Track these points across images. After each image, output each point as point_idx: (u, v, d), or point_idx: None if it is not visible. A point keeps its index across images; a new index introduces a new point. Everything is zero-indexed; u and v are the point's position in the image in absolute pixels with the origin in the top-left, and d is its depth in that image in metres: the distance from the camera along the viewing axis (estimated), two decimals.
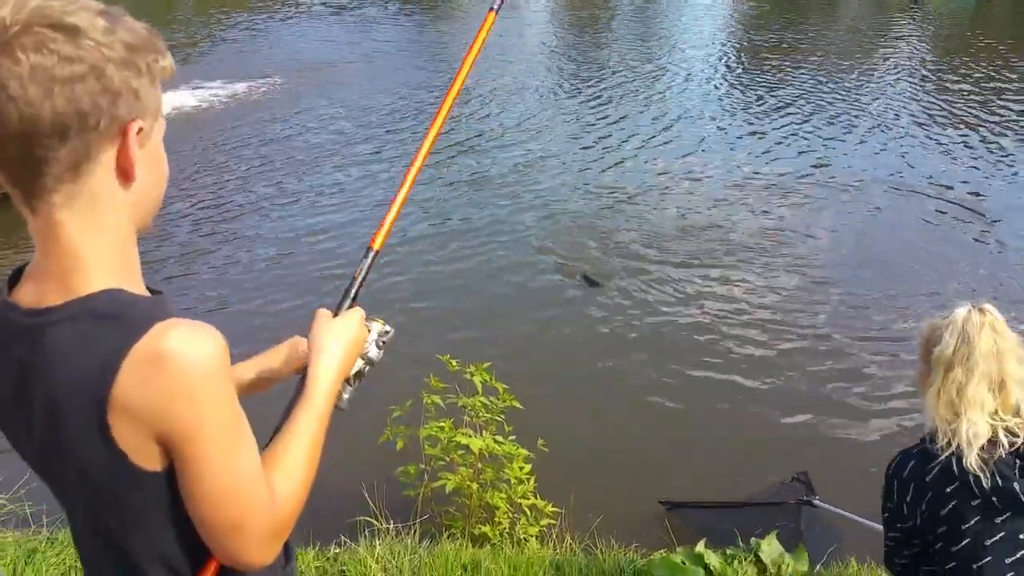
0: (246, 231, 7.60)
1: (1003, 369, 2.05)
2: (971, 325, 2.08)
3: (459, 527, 3.66)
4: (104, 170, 1.01)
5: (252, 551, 1.09)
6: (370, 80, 12.71)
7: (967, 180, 8.55)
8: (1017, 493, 1.97)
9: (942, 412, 2.08)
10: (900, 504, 2.15)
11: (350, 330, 1.35)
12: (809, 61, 13.64)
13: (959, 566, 2.06)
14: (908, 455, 2.17)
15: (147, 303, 1.06)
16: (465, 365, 3.65)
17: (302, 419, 1.21)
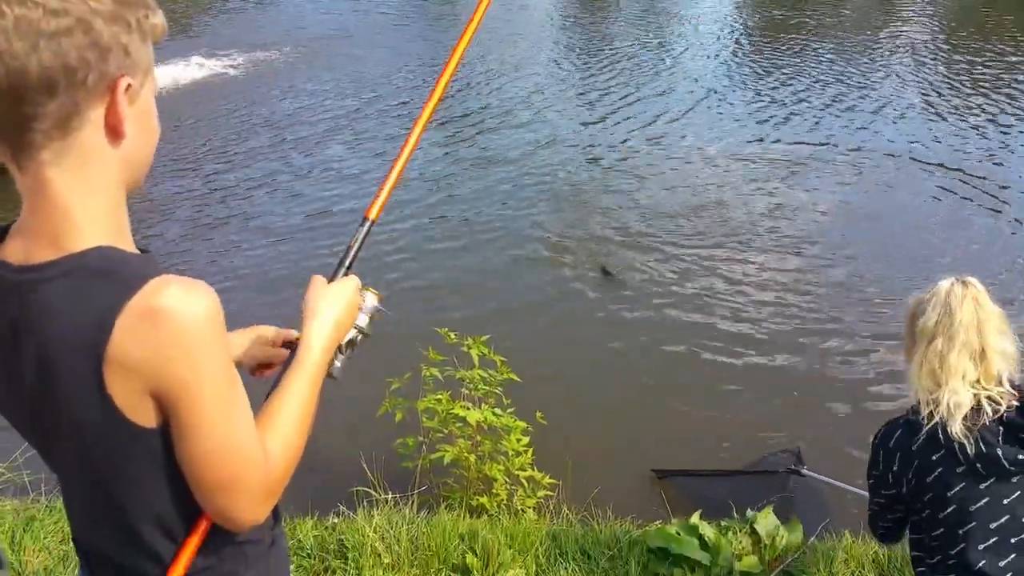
0: (249, 205, 7.62)
1: (984, 339, 2.10)
2: (953, 297, 2.13)
3: (457, 499, 3.69)
4: (93, 127, 1.01)
5: (244, 509, 1.10)
6: (376, 52, 12.66)
7: (978, 158, 8.50)
8: (1000, 458, 2.03)
9: (924, 382, 2.14)
10: (885, 473, 2.21)
11: (344, 296, 1.35)
12: (819, 37, 13.53)
13: (946, 532, 2.11)
14: (895, 425, 2.22)
15: (140, 260, 1.06)
16: (463, 338, 3.66)
17: (295, 380, 1.22)
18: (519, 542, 3.26)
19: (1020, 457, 2.03)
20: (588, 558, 3.21)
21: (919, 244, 6.80)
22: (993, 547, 2.06)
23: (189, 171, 8.21)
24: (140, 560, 1.15)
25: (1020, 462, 2.04)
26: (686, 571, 3.10)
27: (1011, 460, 2.03)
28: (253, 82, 11.24)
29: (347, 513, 3.41)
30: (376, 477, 3.66)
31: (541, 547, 3.24)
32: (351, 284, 1.39)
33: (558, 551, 3.23)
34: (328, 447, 3.97)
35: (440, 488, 3.78)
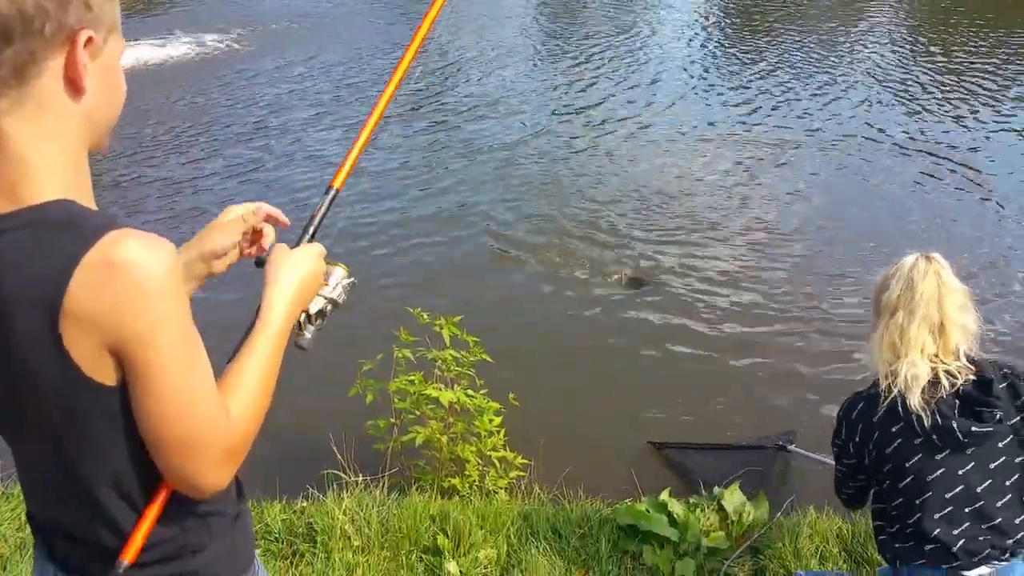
0: (223, 193, 7.45)
1: (944, 313, 2.15)
2: (916, 272, 2.19)
3: (428, 480, 3.70)
4: (51, 78, 1.00)
5: (205, 471, 1.08)
6: (341, 35, 12.52)
7: (955, 143, 8.56)
8: (955, 430, 2.09)
9: (884, 354, 2.20)
10: (847, 443, 2.29)
11: (307, 261, 1.34)
12: (795, 25, 13.58)
13: (904, 502, 2.19)
14: (858, 398, 2.29)
15: (100, 215, 1.05)
16: (435, 318, 3.65)
17: (256, 343, 1.21)
18: (490, 522, 3.29)
19: (974, 429, 2.09)
20: (559, 537, 3.24)
21: (915, 229, 6.82)
22: (948, 516, 2.13)
23: (160, 157, 8.10)
24: (98, 530, 1.13)
25: (974, 434, 2.10)
26: (655, 547, 3.15)
27: (965, 432, 2.09)
28: (225, 64, 11.10)
29: (316, 496, 3.41)
30: (346, 459, 3.65)
31: (512, 527, 3.27)
32: (314, 250, 1.37)
33: (529, 531, 3.26)
34: (298, 430, 3.95)
35: (411, 470, 3.78)
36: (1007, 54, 11.87)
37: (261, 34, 12.42)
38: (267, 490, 3.39)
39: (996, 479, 2.14)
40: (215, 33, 12.22)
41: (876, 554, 3.16)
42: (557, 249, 6.40)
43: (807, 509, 3.48)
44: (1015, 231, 6.75)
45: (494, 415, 3.68)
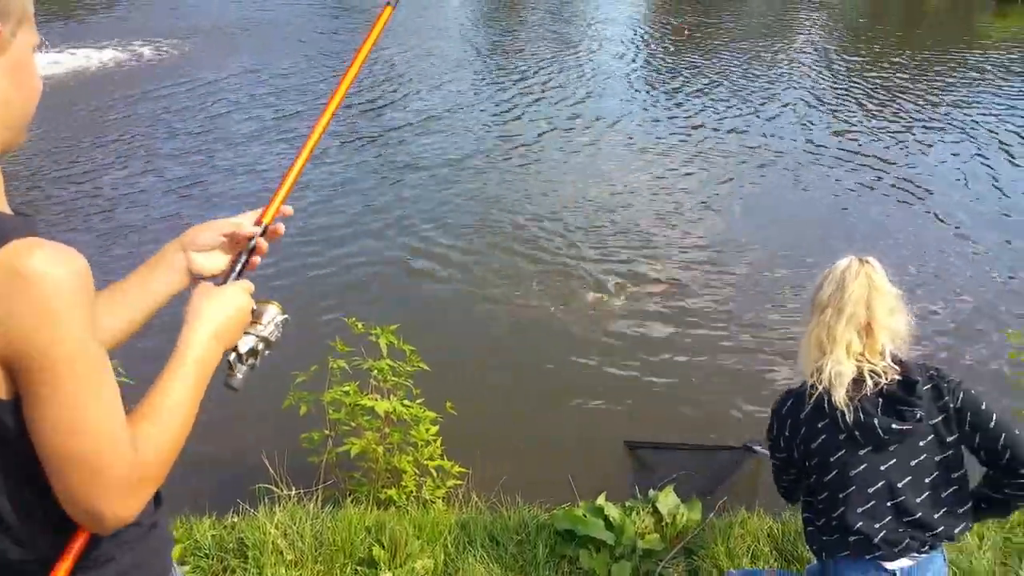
0: (146, 202, 7.30)
1: (871, 314, 2.21)
2: (848, 273, 2.25)
3: (364, 492, 3.65)
4: None
5: (107, 499, 1.02)
6: (282, 43, 12.39)
7: (882, 154, 8.94)
8: (876, 428, 2.16)
9: (812, 351, 2.27)
10: (778, 437, 2.36)
11: (231, 298, 1.30)
12: (719, 43, 14.00)
13: (829, 496, 2.25)
14: (789, 394, 2.36)
15: (10, 220, 1.00)
16: (371, 327, 3.61)
17: (170, 379, 1.16)
18: (427, 532, 3.27)
19: (895, 427, 2.16)
20: (497, 544, 3.24)
21: (854, 234, 7.07)
22: (869, 510, 2.19)
23: (95, 171, 7.84)
24: (4, 542, 1.08)
25: (895, 432, 2.16)
26: (592, 551, 3.17)
27: (886, 429, 2.16)
28: (164, 72, 10.89)
29: (248, 511, 3.33)
30: (279, 473, 3.58)
31: (450, 536, 3.25)
32: (239, 287, 1.33)
33: (467, 539, 3.25)
34: (229, 444, 3.87)
35: (347, 482, 3.72)
36: (928, 69, 12.49)
37: (201, 41, 12.22)
38: (196, 506, 3.30)
39: (916, 476, 2.21)
40: (154, 40, 12.00)
41: (806, 552, 3.26)
42: (495, 261, 6.44)
43: (739, 509, 3.55)
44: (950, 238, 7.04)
45: (431, 424, 3.66)
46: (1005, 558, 3.26)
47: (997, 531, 3.39)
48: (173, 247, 1.38)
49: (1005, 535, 3.37)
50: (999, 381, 4.79)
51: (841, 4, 19.00)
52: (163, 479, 1.11)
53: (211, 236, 1.38)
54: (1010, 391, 4.45)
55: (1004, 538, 3.35)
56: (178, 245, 1.37)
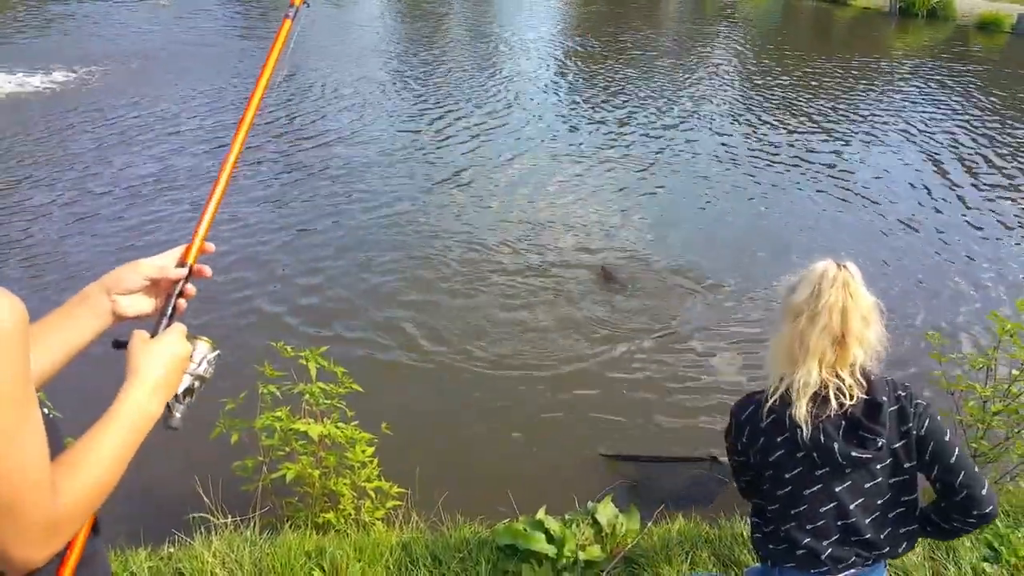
0: (53, 234, 6.98)
1: (846, 325, 2.10)
2: (824, 279, 2.13)
3: (302, 517, 3.58)
4: None
5: (20, 543, 1.00)
6: (198, 69, 12.09)
7: (817, 158, 9.36)
8: (835, 452, 2.09)
9: (781, 359, 2.18)
10: (735, 442, 2.31)
11: (169, 349, 1.29)
12: (636, 60, 14.32)
13: (780, 509, 2.23)
14: (750, 400, 2.28)
15: None
16: (299, 351, 3.56)
17: (104, 430, 1.15)
18: (368, 554, 3.23)
19: (854, 455, 2.10)
20: (439, 563, 3.22)
21: (801, 238, 7.34)
22: (818, 529, 2.17)
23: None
24: None
25: (853, 459, 2.10)
26: (534, 565, 3.18)
27: (844, 455, 2.09)
28: (75, 102, 10.39)
29: (184, 540, 3.24)
30: (214, 502, 3.49)
31: (392, 557, 3.22)
32: (174, 335, 1.33)
33: (409, 559, 3.22)
34: (161, 473, 3.74)
35: (284, 508, 3.65)
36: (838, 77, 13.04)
37: (113, 71, 11.77)
38: (131, 537, 3.19)
39: (868, 498, 2.17)
40: (65, 68, 11.48)
41: (743, 555, 3.34)
42: (422, 279, 6.43)
43: (676, 517, 3.62)
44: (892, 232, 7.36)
45: (367, 445, 3.61)
46: (933, 552, 3.40)
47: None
48: (96, 289, 1.36)
49: None
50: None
51: (755, 18, 19.67)
52: (79, 528, 1.09)
53: (135, 279, 1.38)
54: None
55: None
56: (101, 288, 1.36)
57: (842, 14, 20.27)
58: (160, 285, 1.41)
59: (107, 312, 1.36)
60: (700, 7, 21.91)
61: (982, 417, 3.81)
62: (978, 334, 5.93)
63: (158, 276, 1.40)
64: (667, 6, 21.91)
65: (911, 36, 18.13)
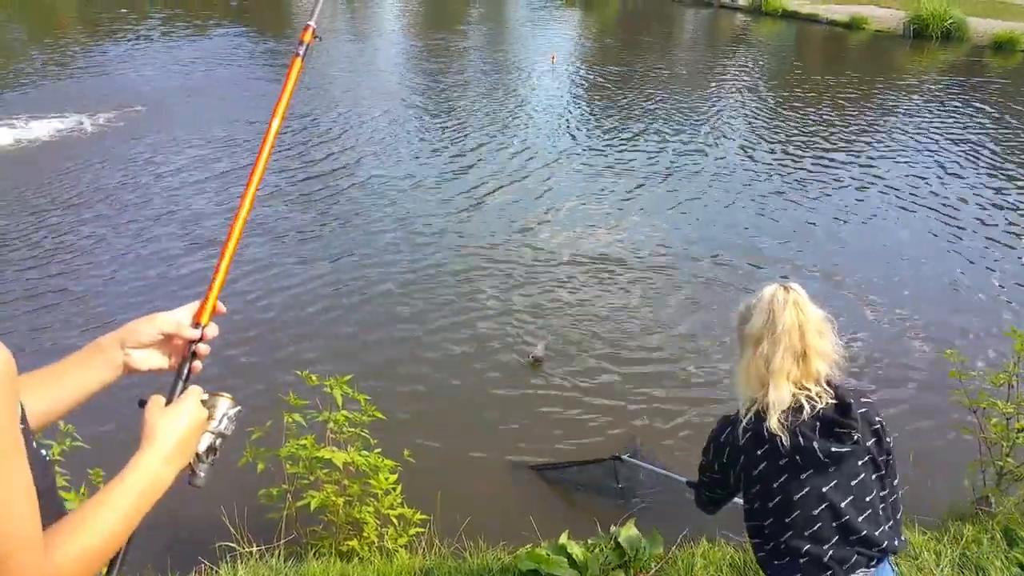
0: (68, 284, 6.88)
1: (805, 341, 2.25)
2: (776, 303, 2.28)
3: (326, 545, 3.62)
4: None
5: None
6: (211, 111, 12.29)
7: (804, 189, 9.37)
8: (816, 451, 2.19)
9: (752, 382, 2.29)
10: (713, 462, 2.40)
11: (184, 416, 1.28)
12: (648, 91, 14.42)
13: (775, 522, 2.28)
14: (727, 422, 2.39)
15: None
16: (324, 379, 3.61)
17: (110, 492, 1.14)
18: None
19: (834, 450, 2.20)
20: None
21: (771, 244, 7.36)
22: (815, 533, 2.22)
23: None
24: None
25: (834, 455, 2.21)
26: None
27: (825, 452, 2.20)
28: (87, 148, 10.45)
29: (211, 569, 3.28)
30: (239, 531, 3.53)
31: None
32: (190, 402, 1.31)
33: None
34: (186, 504, 3.76)
35: (308, 536, 3.69)
36: (860, 97, 13.06)
37: (125, 115, 11.92)
38: (158, 565, 3.24)
39: (857, 495, 2.25)
40: (77, 113, 11.54)
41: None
42: (443, 308, 6.48)
43: (700, 540, 3.61)
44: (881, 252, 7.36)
45: (390, 473, 3.64)
46: (963, 572, 3.37)
47: (954, 547, 3.50)
48: (111, 342, 1.36)
49: (961, 550, 3.48)
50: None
51: (768, 42, 19.79)
52: None
53: (151, 332, 1.38)
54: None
55: (960, 553, 3.47)
56: (116, 340, 1.36)
57: (855, 37, 20.32)
58: (173, 341, 1.40)
59: (119, 365, 1.36)
60: (713, 33, 22.08)
61: (1007, 435, 3.78)
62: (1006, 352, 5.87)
63: (173, 332, 1.39)
64: (681, 34, 22.11)
65: (926, 58, 18.14)
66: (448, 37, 19.00)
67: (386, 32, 20.25)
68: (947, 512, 3.99)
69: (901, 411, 5.23)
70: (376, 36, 19.47)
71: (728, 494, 2.47)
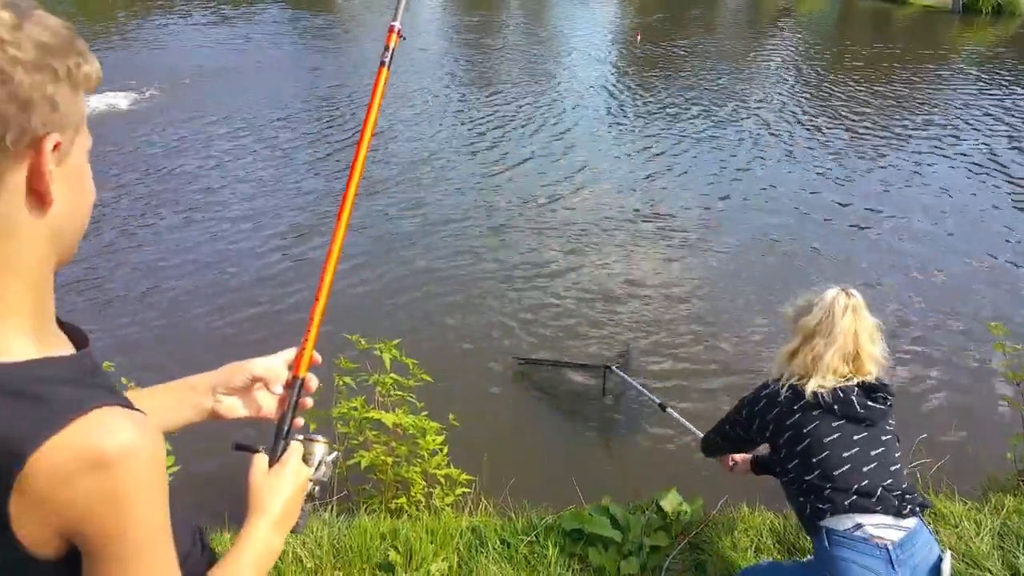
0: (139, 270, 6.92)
1: (858, 345, 2.51)
2: (837, 305, 2.52)
3: (376, 502, 3.74)
4: (13, 195, 0.85)
5: None
6: (260, 90, 12.43)
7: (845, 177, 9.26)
8: (853, 403, 2.46)
9: (795, 368, 2.56)
10: (752, 404, 2.67)
11: (291, 480, 1.26)
12: (694, 69, 14.30)
13: (799, 463, 2.50)
14: (766, 385, 2.67)
15: (73, 379, 0.91)
16: (374, 342, 3.72)
17: (234, 564, 1.15)
18: (440, 537, 3.35)
19: (870, 404, 2.46)
20: (507, 546, 3.33)
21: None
22: (847, 472, 2.42)
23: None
24: None
25: (869, 408, 2.45)
26: (600, 549, 3.27)
27: (861, 404, 2.45)
28: (129, 123, 10.53)
29: None
30: None
31: (462, 540, 3.35)
32: (294, 462, 1.28)
33: (478, 542, 3.34)
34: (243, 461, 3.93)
35: (359, 494, 3.81)
36: (908, 75, 12.81)
37: (172, 91, 12.12)
38: (216, 518, 3.37)
39: (887, 450, 2.46)
40: (123, 90, 11.65)
41: (807, 543, 3.37)
42: (492, 276, 6.57)
43: (740, 506, 3.67)
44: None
45: (436, 434, 3.75)
46: (1003, 541, 3.39)
47: (994, 517, 3.52)
48: (204, 386, 1.34)
49: (1002, 520, 3.50)
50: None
51: (812, 20, 19.44)
52: None
53: (244, 378, 1.35)
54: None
55: (1001, 523, 3.48)
56: (209, 385, 1.34)
57: (902, 13, 19.89)
58: (262, 389, 1.39)
59: (207, 410, 1.34)
60: (756, 12, 21.74)
61: None
62: None
63: (265, 376, 1.37)
64: (723, 13, 21.81)
65: (976, 33, 17.70)
66: (488, 15, 18.94)
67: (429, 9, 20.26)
68: (988, 483, 3.99)
69: (945, 381, 5.22)
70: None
71: (741, 438, 2.76)
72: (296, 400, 1.36)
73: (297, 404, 1.36)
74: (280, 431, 1.33)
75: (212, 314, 6.05)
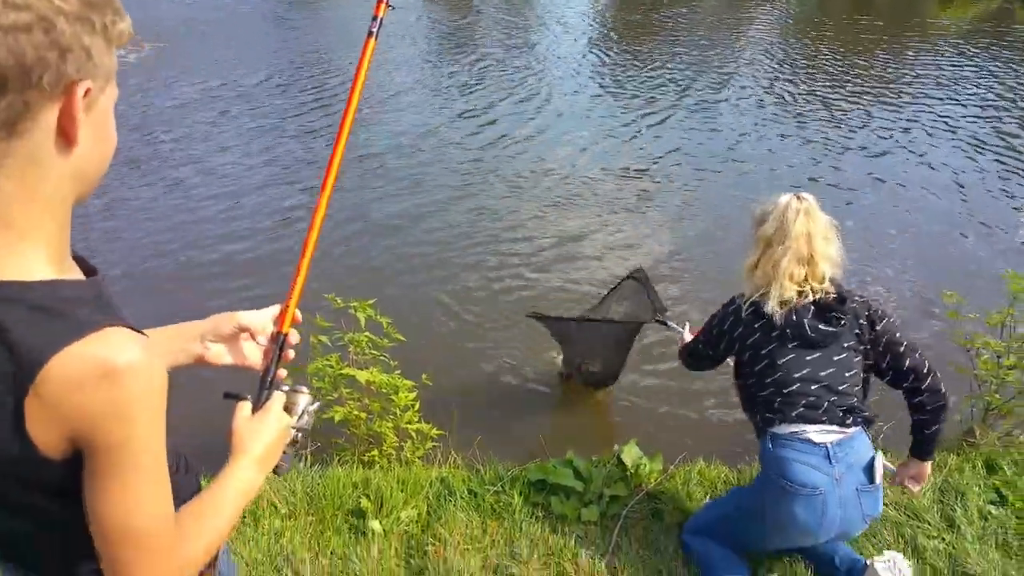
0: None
1: (812, 247, 2.60)
2: (790, 211, 2.62)
3: (349, 454, 3.87)
4: (43, 132, 0.94)
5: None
6: (246, 48, 12.39)
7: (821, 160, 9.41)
8: (805, 327, 2.59)
9: (757, 279, 2.68)
10: (721, 322, 2.82)
11: (273, 424, 1.37)
12: (674, 43, 14.34)
13: (756, 381, 2.70)
14: (735, 299, 2.81)
15: (89, 300, 1.00)
16: (349, 301, 3.82)
17: (219, 493, 1.24)
18: (410, 486, 3.51)
19: (822, 328, 2.58)
20: (474, 495, 3.49)
21: None
22: (798, 389, 2.60)
23: None
24: None
25: (822, 332, 2.58)
26: (562, 498, 3.43)
27: (813, 329, 2.58)
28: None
29: None
30: None
31: (431, 489, 3.50)
32: (276, 409, 1.39)
33: (447, 491, 3.50)
34: (218, 413, 4.04)
35: (332, 447, 3.94)
36: (880, 54, 12.94)
37: (164, 43, 12.07)
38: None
39: (838, 370, 2.60)
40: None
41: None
42: (467, 242, 6.68)
43: (697, 460, 3.84)
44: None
45: (407, 392, 3.87)
46: (943, 496, 3.59)
47: (937, 474, 3.71)
48: (194, 334, 1.45)
49: (944, 477, 3.69)
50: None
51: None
52: (196, 573, 1.18)
53: (231, 327, 1.46)
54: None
55: (943, 480, 3.68)
56: (198, 331, 1.44)
57: None
58: (247, 340, 1.49)
59: (195, 355, 1.45)
60: None
61: (996, 372, 3.96)
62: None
63: (251, 327, 1.48)
64: None
65: (956, 9, 17.83)
66: None
67: None
68: None
69: None
70: None
71: (711, 357, 2.93)
72: (280, 354, 1.47)
73: (280, 357, 1.47)
74: (264, 381, 1.45)
75: (194, 281, 6.14)
